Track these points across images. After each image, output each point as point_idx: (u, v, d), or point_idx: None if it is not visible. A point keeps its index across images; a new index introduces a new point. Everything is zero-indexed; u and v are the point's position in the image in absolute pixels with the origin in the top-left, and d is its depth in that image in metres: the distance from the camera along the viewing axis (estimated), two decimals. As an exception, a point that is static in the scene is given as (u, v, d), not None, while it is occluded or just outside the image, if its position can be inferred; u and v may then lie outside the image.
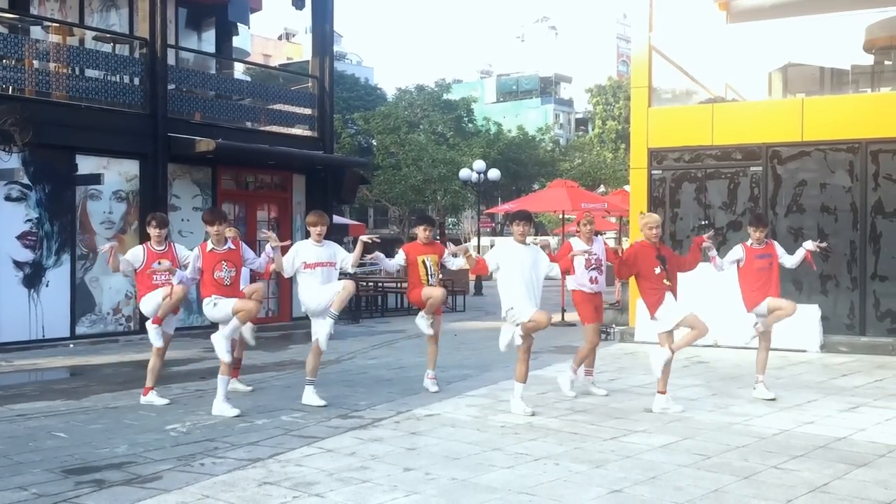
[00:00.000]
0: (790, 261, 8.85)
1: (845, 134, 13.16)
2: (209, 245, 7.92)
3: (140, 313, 14.43)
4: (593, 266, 8.82)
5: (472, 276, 26.44)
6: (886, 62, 16.02)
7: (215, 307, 7.89)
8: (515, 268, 7.74)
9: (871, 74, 15.91)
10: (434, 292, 8.83)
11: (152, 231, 8.48)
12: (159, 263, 8.25)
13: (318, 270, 8.14)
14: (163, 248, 8.49)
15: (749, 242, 8.78)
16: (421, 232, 9.06)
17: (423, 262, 8.86)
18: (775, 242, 8.96)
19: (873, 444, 6.69)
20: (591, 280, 8.83)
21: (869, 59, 15.53)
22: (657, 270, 7.99)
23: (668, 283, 7.99)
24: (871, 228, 12.99)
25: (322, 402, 8.20)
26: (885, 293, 12.88)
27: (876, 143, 12.97)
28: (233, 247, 8.00)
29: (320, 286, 8.12)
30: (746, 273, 8.67)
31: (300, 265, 8.12)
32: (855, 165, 13.11)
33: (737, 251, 8.76)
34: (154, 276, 8.40)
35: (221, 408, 7.81)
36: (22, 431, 7.26)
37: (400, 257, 8.92)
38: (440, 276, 9.09)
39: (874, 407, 8.28)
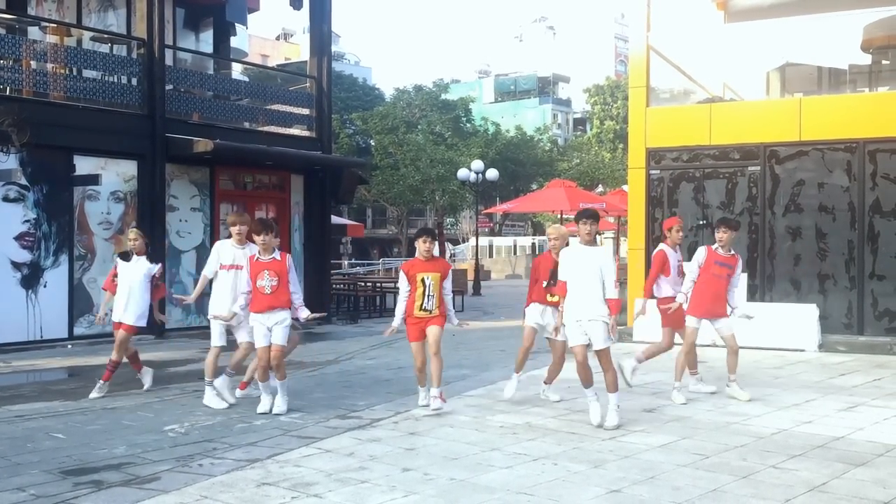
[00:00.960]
0: (733, 294, 8.56)
1: (843, 133, 13.17)
2: (256, 255, 7.92)
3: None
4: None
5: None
6: (884, 62, 16.04)
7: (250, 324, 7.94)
8: (574, 271, 7.24)
9: (868, 74, 15.94)
10: (429, 334, 7.77)
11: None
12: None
13: (232, 273, 8.13)
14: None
15: (714, 246, 8.56)
16: (420, 245, 7.86)
17: (423, 280, 7.73)
18: (741, 260, 8.77)
19: (872, 444, 6.69)
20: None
21: (867, 59, 15.55)
22: (545, 284, 7.96)
23: (550, 298, 7.93)
24: (869, 228, 13.00)
25: (225, 405, 8.20)
26: (882, 292, 12.89)
27: (874, 143, 12.97)
28: (279, 258, 7.91)
29: (230, 291, 8.12)
30: (702, 275, 8.45)
31: (218, 266, 8.22)
32: (853, 165, 13.12)
33: (699, 253, 8.58)
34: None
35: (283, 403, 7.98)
36: (20, 432, 7.25)
37: (401, 280, 7.89)
38: (439, 298, 7.80)
39: (872, 406, 8.28)
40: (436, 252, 8.09)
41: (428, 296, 7.71)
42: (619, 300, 7.36)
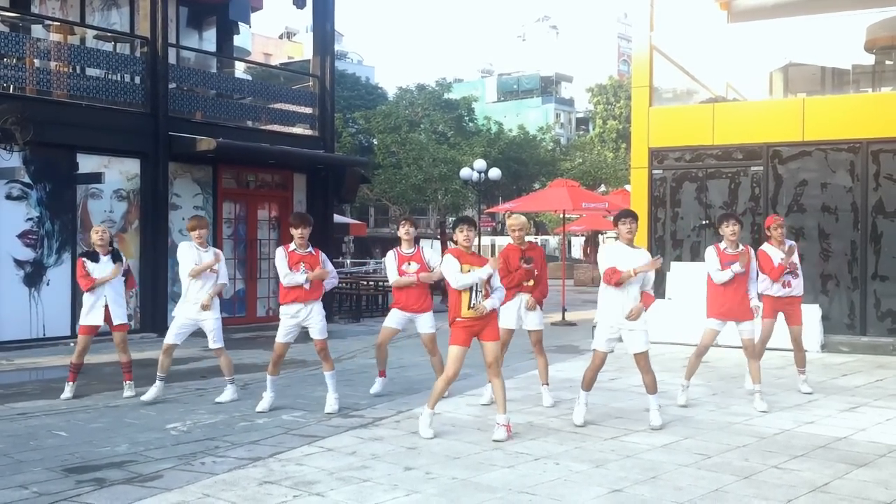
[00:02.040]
0: (752, 288, 8.22)
1: (846, 134, 13.15)
2: (291, 245, 8.04)
3: (141, 313, 14.52)
4: (788, 270, 8.81)
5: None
6: (887, 62, 16.00)
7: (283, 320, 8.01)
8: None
9: (872, 74, 15.90)
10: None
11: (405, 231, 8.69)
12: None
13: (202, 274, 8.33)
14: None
15: (722, 245, 8.21)
16: (459, 235, 6.94)
17: (471, 272, 6.98)
18: (751, 251, 8.27)
19: (874, 444, 6.69)
20: (783, 284, 8.84)
21: (870, 59, 15.52)
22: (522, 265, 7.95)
23: (527, 284, 7.98)
24: (872, 228, 12.98)
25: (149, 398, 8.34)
26: (885, 293, 12.88)
27: (877, 143, 12.96)
28: (313, 252, 8.06)
29: (197, 291, 8.31)
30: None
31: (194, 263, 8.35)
32: (856, 165, 13.10)
33: (710, 256, 8.21)
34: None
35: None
36: (23, 430, 7.26)
37: (449, 265, 6.83)
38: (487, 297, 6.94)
39: (875, 407, 8.28)
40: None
41: (477, 291, 6.83)
42: (654, 297, 7.35)
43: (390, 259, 8.74)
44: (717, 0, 16.38)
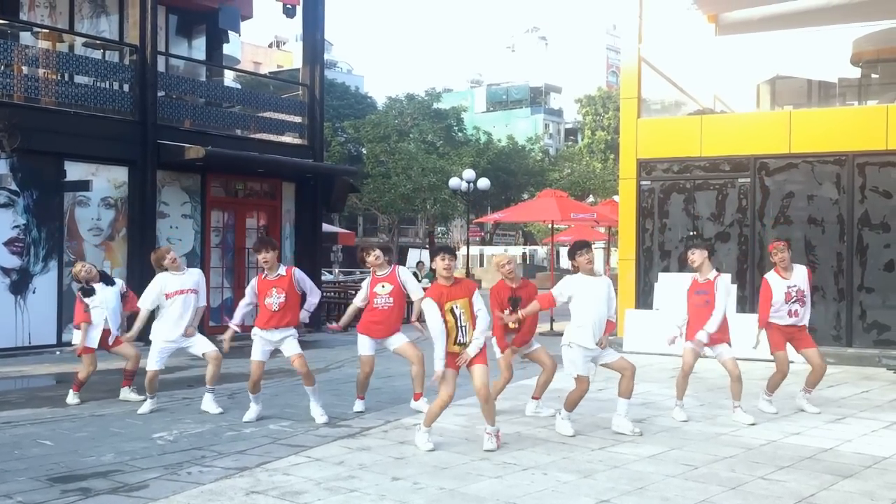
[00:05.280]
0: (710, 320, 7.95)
1: (832, 146, 13.25)
2: (264, 274, 8.07)
3: (128, 323, 14.41)
4: (794, 299, 8.40)
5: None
6: (873, 75, 16.16)
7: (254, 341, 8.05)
8: (585, 301, 7.24)
9: (857, 87, 16.05)
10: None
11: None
12: None
13: (181, 298, 8.37)
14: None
15: (695, 274, 8.19)
16: (439, 264, 6.77)
17: (452, 310, 6.68)
18: (719, 281, 7.99)
19: (860, 456, 6.72)
20: (789, 314, 8.42)
21: (856, 73, 15.67)
22: (506, 312, 7.74)
23: (512, 326, 7.82)
24: (858, 240, 13.08)
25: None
26: (871, 304, 12.96)
27: (862, 156, 13.06)
28: (284, 274, 8.00)
29: (178, 317, 8.36)
30: (688, 302, 8.12)
31: (159, 298, 8.36)
32: (842, 178, 13.20)
33: (685, 280, 8.29)
34: None
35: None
36: (7, 439, 7.21)
37: (431, 313, 6.63)
38: (473, 326, 6.75)
39: (860, 418, 8.32)
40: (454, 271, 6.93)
41: (461, 327, 6.65)
42: (615, 324, 7.57)
43: (365, 282, 8.70)
44: (706, 13, 16.50)
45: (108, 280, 9.11)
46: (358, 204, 42.77)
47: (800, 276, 8.53)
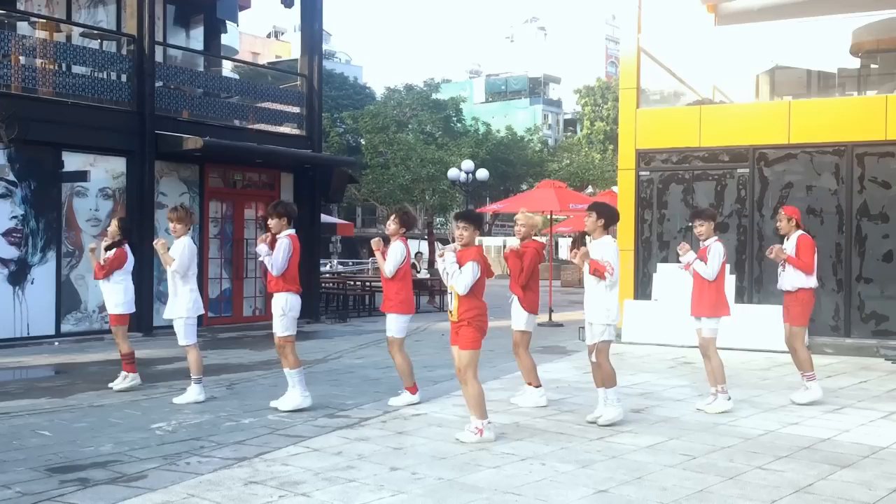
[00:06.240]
0: (701, 267, 8.06)
1: (831, 137, 13.23)
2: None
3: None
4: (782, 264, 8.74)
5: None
6: (872, 66, 16.11)
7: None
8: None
9: (857, 78, 16.00)
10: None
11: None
12: None
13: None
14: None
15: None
16: (455, 232, 7.13)
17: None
18: (713, 247, 8.06)
19: (857, 446, 6.73)
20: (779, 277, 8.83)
21: (855, 63, 15.62)
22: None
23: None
24: (857, 231, 13.07)
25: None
26: (869, 295, 12.97)
27: (861, 147, 13.04)
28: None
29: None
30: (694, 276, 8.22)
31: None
32: (841, 168, 13.19)
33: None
34: None
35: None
36: (6, 429, 7.21)
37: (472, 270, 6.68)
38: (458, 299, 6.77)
39: (858, 408, 8.33)
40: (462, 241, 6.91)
41: (451, 294, 6.83)
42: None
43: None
44: (705, 3, 16.42)
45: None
46: (356, 195, 42.67)
47: (792, 241, 8.83)
